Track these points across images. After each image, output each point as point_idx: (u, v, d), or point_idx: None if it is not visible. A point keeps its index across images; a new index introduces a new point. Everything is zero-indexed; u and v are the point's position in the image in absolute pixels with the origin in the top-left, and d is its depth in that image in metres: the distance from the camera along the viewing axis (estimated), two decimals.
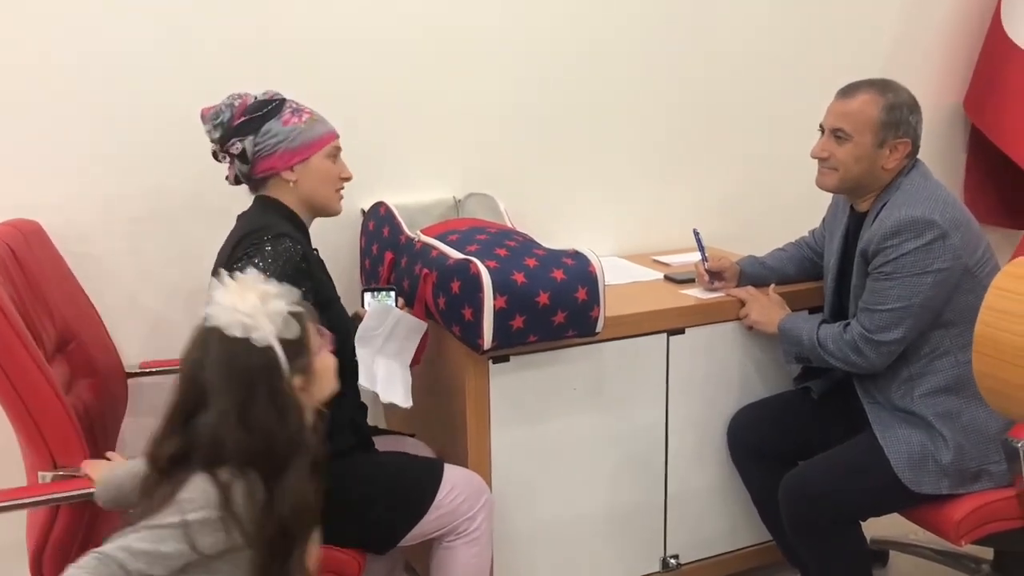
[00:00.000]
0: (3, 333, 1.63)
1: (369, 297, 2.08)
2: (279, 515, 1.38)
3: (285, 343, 1.40)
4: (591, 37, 2.74)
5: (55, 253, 2.15)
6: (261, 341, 1.38)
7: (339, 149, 2.01)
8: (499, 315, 1.97)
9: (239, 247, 1.85)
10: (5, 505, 1.70)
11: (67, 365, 1.98)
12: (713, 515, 2.50)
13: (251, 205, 1.98)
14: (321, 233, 2.08)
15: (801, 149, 2.24)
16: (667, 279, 2.58)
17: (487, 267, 1.97)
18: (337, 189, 2.01)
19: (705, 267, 2.44)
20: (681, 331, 2.34)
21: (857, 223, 2.21)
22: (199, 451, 1.37)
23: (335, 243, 2.42)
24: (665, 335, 2.33)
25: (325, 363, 1.50)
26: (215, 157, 1.97)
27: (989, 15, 3.26)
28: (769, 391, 2.47)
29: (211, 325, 1.39)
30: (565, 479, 2.29)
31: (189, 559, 1.34)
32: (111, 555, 1.29)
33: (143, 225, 2.34)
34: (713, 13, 2.89)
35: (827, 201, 2.40)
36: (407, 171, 2.59)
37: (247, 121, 1.90)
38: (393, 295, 2.09)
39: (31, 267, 1.94)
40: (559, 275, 2.03)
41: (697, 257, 2.47)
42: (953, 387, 2.09)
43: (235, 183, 1.99)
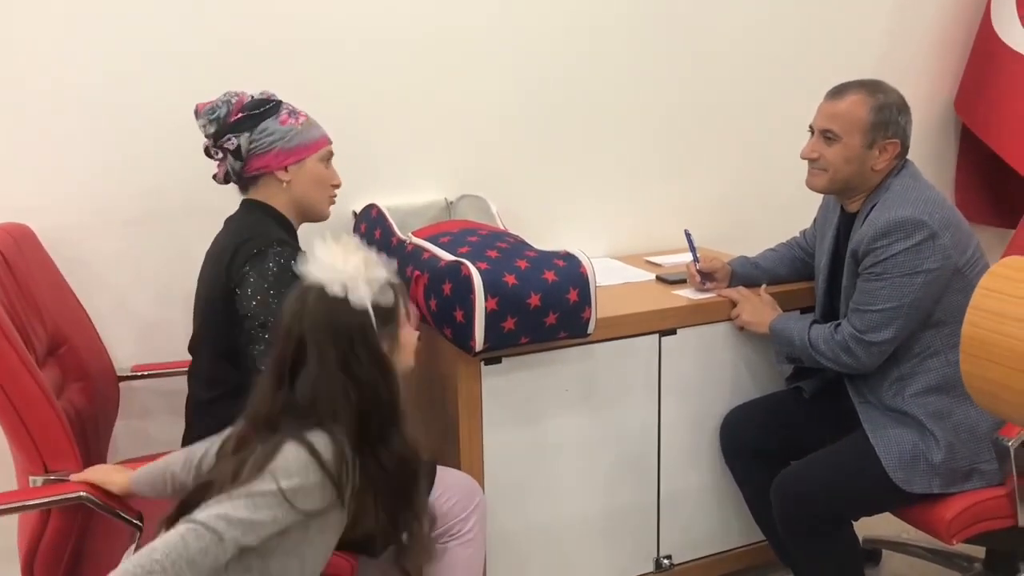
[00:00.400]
0: None
1: None
2: (384, 471, 1.41)
3: (378, 309, 1.43)
4: (583, 39, 2.74)
5: (46, 257, 2.15)
6: (358, 303, 1.41)
7: (332, 155, 2.02)
8: (491, 317, 1.97)
9: (239, 254, 1.85)
10: None
11: (58, 369, 1.97)
12: (706, 515, 2.50)
13: (239, 209, 1.98)
14: (311, 235, 2.08)
15: (792, 150, 2.25)
16: (659, 280, 2.58)
17: (478, 269, 1.97)
18: (328, 195, 2.02)
19: (696, 268, 2.44)
20: (673, 332, 2.35)
21: (847, 224, 2.21)
22: (304, 407, 1.39)
23: None
24: (657, 336, 2.33)
25: (409, 336, 1.55)
26: (207, 153, 1.96)
27: (979, 15, 3.27)
28: (761, 391, 2.47)
29: (311, 282, 1.43)
30: (558, 480, 2.29)
31: (283, 526, 1.35)
32: (209, 525, 1.30)
33: (134, 228, 2.33)
34: (705, 15, 2.89)
35: (818, 201, 2.41)
36: (399, 173, 2.59)
37: (244, 118, 1.91)
38: None
39: (21, 271, 1.93)
40: (550, 276, 2.03)
41: (689, 258, 2.47)
42: (944, 387, 2.09)
43: (224, 181, 1.99)
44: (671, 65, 2.88)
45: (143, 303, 2.37)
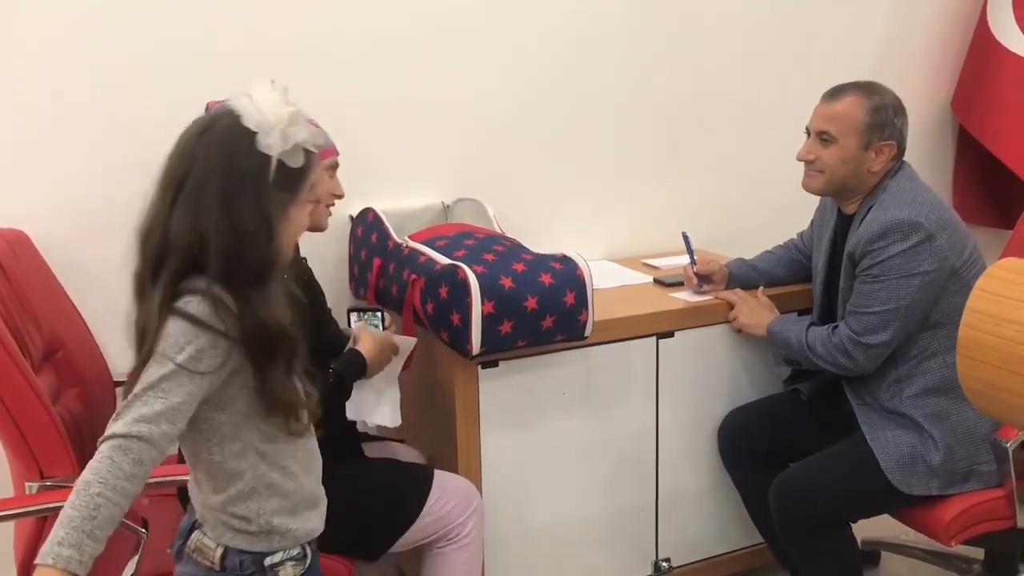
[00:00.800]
0: None
1: (355, 317, 2.06)
2: (258, 321, 1.34)
3: (281, 166, 1.36)
4: (579, 42, 2.74)
5: (41, 262, 2.14)
6: (264, 148, 1.34)
7: (337, 166, 2.00)
8: (487, 320, 1.97)
9: None
10: None
11: (54, 374, 1.97)
12: (704, 518, 2.50)
13: None
14: (308, 239, 2.07)
15: (789, 152, 2.25)
16: (656, 282, 2.58)
17: (475, 272, 1.97)
18: (328, 205, 1.99)
19: (694, 270, 2.44)
20: (670, 334, 2.34)
21: (844, 225, 2.21)
22: (178, 244, 1.32)
23: (322, 249, 2.42)
24: (654, 338, 2.33)
25: (300, 217, 1.43)
26: None
27: (975, 16, 3.27)
28: (759, 393, 2.47)
29: (230, 107, 1.37)
30: (556, 483, 2.29)
31: (201, 397, 1.32)
32: (131, 434, 1.26)
33: (129, 233, 2.31)
34: (701, 17, 2.89)
35: (815, 203, 2.41)
36: (395, 177, 2.59)
37: None
38: (380, 316, 2.07)
39: (17, 276, 1.93)
40: (547, 279, 2.02)
41: (686, 260, 2.47)
42: (942, 388, 2.09)
43: None
44: (668, 68, 2.88)
45: None
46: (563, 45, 2.73)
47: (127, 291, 2.33)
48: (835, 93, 2.14)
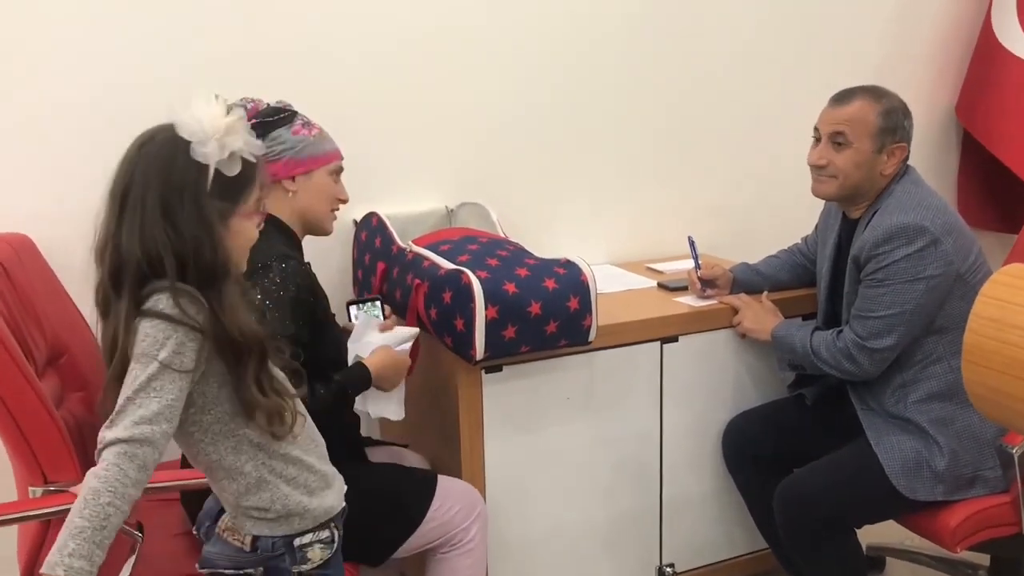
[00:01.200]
0: None
1: (355, 310, 2.05)
2: (227, 323, 1.36)
3: (219, 176, 1.37)
4: (582, 45, 2.74)
5: (45, 266, 2.15)
6: (200, 157, 1.36)
7: (342, 170, 2.01)
8: (491, 325, 1.97)
9: None
10: None
11: (58, 379, 1.97)
12: (708, 523, 2.49)
13: None
14: (312, 244, 2.08)
15: (793, 155, 2.24)
16: (660, 287, 2.57)
17: (478, 277, 1.97)
18: (332, 209, 2.00)
19: (698, 275, 2.43)
20: (675, 339, 2.34)
21: (849, 230, 2.21)
22: (130, 256, 1.34)
23: (326, 254, 2.42)
24: (659, 343, 2.32)
25: (244, 228, 1.44)
26: None
27: (980, 20, 3.27)
28: (763, 398, 2.46)
29: (167, 123, 1.39)
30: (559, 488, 2.29)
31: (185, 396, 1.33)
32: (135, 438, 1.27)
33: None
34: (704, 20, 2.89)
35: (820, 207, 2.40)
36: (399, 181, 2.59)
37: (258, 124, 1.89)
38: (379, 305, 2.07)
39: (21, 281, 1.93)
40: (551, 284, 2.02)
41: (691, 264, 2.47)
42: (947, 393, 2.08)
43: None
44: (671, 71, 2.88)
45: None
46: (565, 48, 2.73)
47: None
48: (843, 97, 2.14)
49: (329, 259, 2.46)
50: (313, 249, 2.07)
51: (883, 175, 2.12)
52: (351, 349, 1.95)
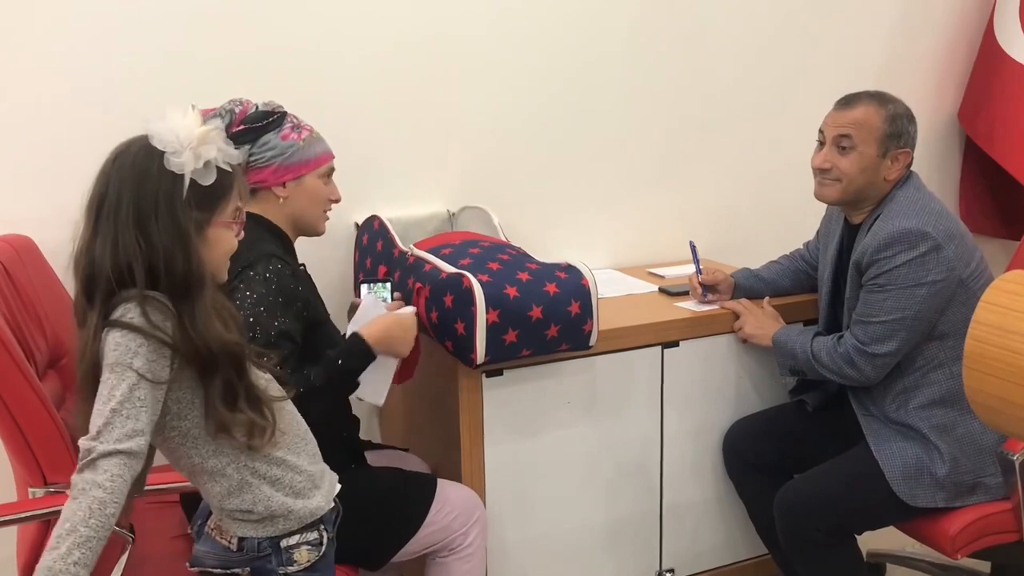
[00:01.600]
0: None
1: (365, 289, 2.05)
2: (197, 335, 1.36)
3: (195, 186, 1.38)
4: (585, 50, 2.75)
5: (47, 268, 2.14)
6: (175, 167, 1.37)
7: (333, 170, 1.99)
8: (492, 329, 1.96)
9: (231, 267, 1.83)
10: None
11: (59, 380, 1.97)
12: (709, 528, 2.49)
13: None
14: (314, 248, 2.08)
15: (795, 160, 2.24)
16: (662, 291, 2.57)
17: (480, 281, 1.97)
18: (324, 210, 1.99)
19: (699, 280, 2.43)
20: (676, 344, 2.34)
21: (851, 235, 2.21)
22: (102, 268, 1.35)
23: (327, 257, 2.42)
24: (659, 348, 2.32)
25: (222, 237, 1.45)
26: None
27: (983, 26, 3.27)
28: (764, 404, 2.46)
29: (142, 134, 1.40)
30: (560, 493, 2.28)
31: (160, 402, 1.34)
32: (131, 451, 1.29)
33: None
34: (706, 26, 2.89)
35: (822, 212, 2.40)
36: (401, 184, 2.59)
37: (246, 130, 1.87)
38: (389, 287, 2.07)
39: (23, 282, 1.93)
40: (552, 289, 2.02)
41: (692, 269, 2.47)
42: (948, 399, 2.08)
43: None
44: (674, 76, 2.88)
45: None
46: (568, 53, 2.73)
47: None
48: (848, 101, 2.13)
49: (330, 262, 2.46)
50: (314, 252, 2.07)
51: (886, 180, 2.12)
52: (350, 328, 1.92)
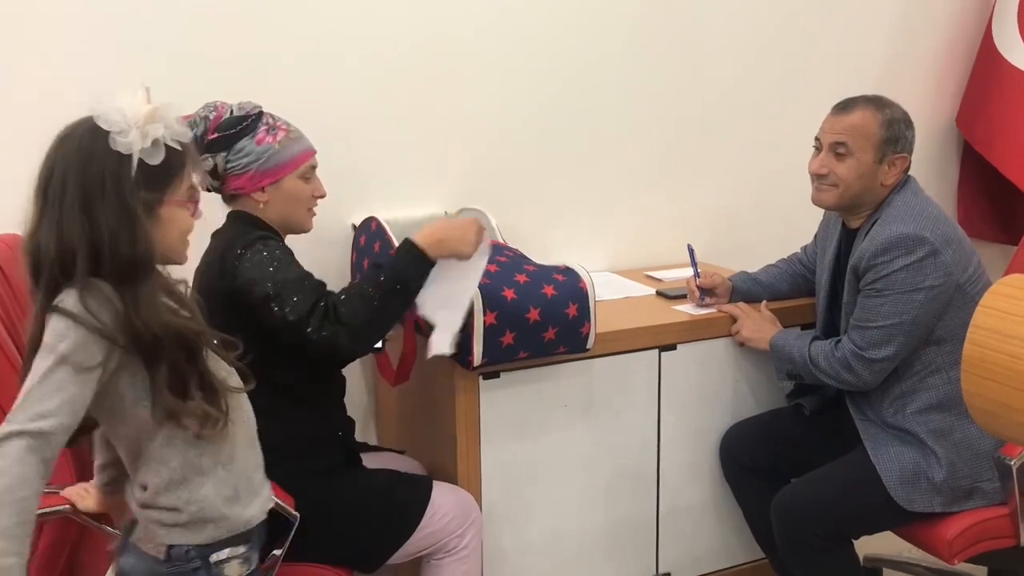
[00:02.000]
0: None
1: None
2: (141, 321, 1.34)
3: (143, 165, 1.37)
4: (583, 52, 2.74)
5: None
6: (122, 147, 1.35)
7: (314, 167, 1.96)
8: (489, 331, 1.96)
9: (226, 261, 1.83)
10: None
11: None
12: (706, 532, 2.49)
13: (225, 222, 1.95)
14: (309, 249, 2.07)
15: (794, 164, 2.24)
16: (659, 295, 2.57)
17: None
18: (308, 208, 1.96)
19: (697, 283, 2.43)
20: (673, 347, 2.33)
21: (849, 239, 2.20)
22: (48, 253, 1.35)
23: (323, 259, 2.41)
24: (657, 351, 2.32)
25: (176, 216, 1.44)
26: None
27: (981, 31, 3.27)
28: (761, 407, 2.46)
29: (88, 115, 1.39)
30: (556, 496, 2.28)
31: (90, 393, 1.32)
32: (32, 431, 1.26)
33: None
34: (706, 29, 2.89)
35: (820, 216, 2.40)
36: (398, 186, 2.59)
37: (220, 138, 1.85)
38: None
39: (19, 281, 1.92)
40: (550, 291, 2.02)
41: (690, 272, 2.46)
42: (945, 404, 2.08)
43: (207, 190, 1.96)
44: (673, 80, 2.88)
45: None
46: (567, 55, 2.73)
47: None
48: (845, 106, 2.13)
49: (327, 263, 2.45)
50: (309, 253, 2.06)
51: (883, 185, 2.11)
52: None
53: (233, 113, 1.89)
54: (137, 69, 2.26)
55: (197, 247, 1.98)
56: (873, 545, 2.35)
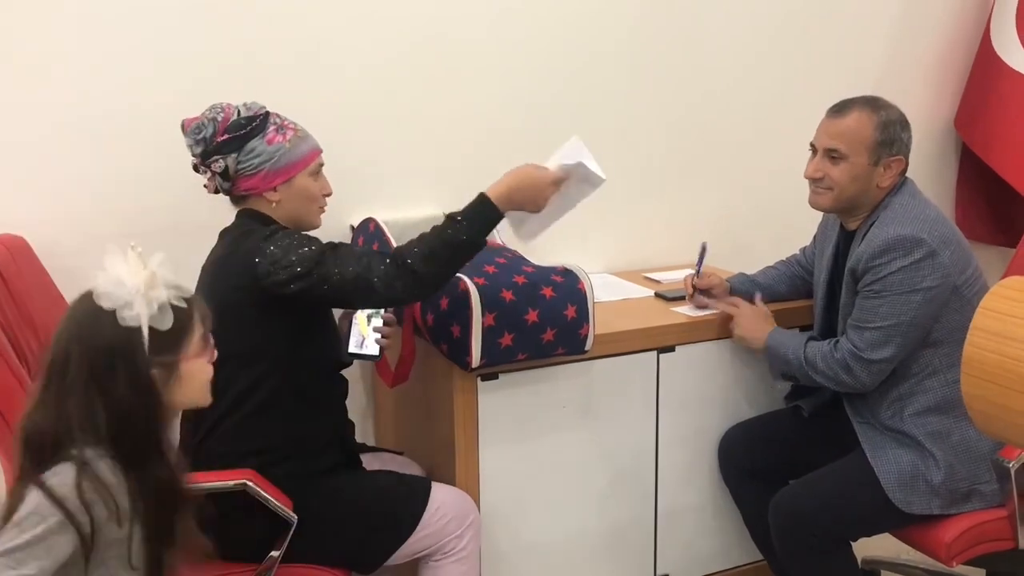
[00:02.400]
0: None
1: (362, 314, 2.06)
2: (144, 500, 1.34)
3: (153, 332, 1.35)
4: (582, 53, 2.74)
5: (41, 269, 2.13)
6: (129, 321, 1.34)
7: (322, 165, 1.98)
8: (488, 332, 1.96)
9: (233, 256, 1.83)
10: None
11: None
12: (704, 534, 2.48)
13: (235, 220, 1.95)
14: None
15: (792, 166, 2.24)
16: (658, 296, 2.57)
17: (476, 284, 1.96)
18: (319, 206, 1.98)
19: (693, 282, 2.42)
20: (671, 349, 2.33)
21: (847, 241, 2.20)
22: (50, 431, 1.33)
23: None
24: (655, 353, 2.32)
25: (195, 370, 1.44)
26: (195, 169, 1.94)
27: (979, 34, 3.27)
28: (760, 409, 2.46)
29: (88, 290, 1.37)
30: (554, 497, 2.28)
31: (55, 565, 1.29)
32: None
33: (129, 241, 2.31)
34: (705, 30, 2.89)
35: (819, 217, 2.40)
36: (397, 186, 2.59)
37: (230, 139, 1.86)
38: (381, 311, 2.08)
39: (16, 283, 1.92)
40: (548, 292, 2.02)
41: (688, 271, 2.46)
42: (943, 406, 2.08)
43: (215, 192, 1.96)
44: (671, 80, 2.88)
45: None
46: (565, 56, 2.73)
47: None
48: (840, 109, 2.13)
49: None
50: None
51: (880, 187, 2.11)
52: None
53: (241, 114, 1.89)
54: (137, 69, 2.26)
55: (200, 247, 1.99)
56: (871, 547, 2.35)
